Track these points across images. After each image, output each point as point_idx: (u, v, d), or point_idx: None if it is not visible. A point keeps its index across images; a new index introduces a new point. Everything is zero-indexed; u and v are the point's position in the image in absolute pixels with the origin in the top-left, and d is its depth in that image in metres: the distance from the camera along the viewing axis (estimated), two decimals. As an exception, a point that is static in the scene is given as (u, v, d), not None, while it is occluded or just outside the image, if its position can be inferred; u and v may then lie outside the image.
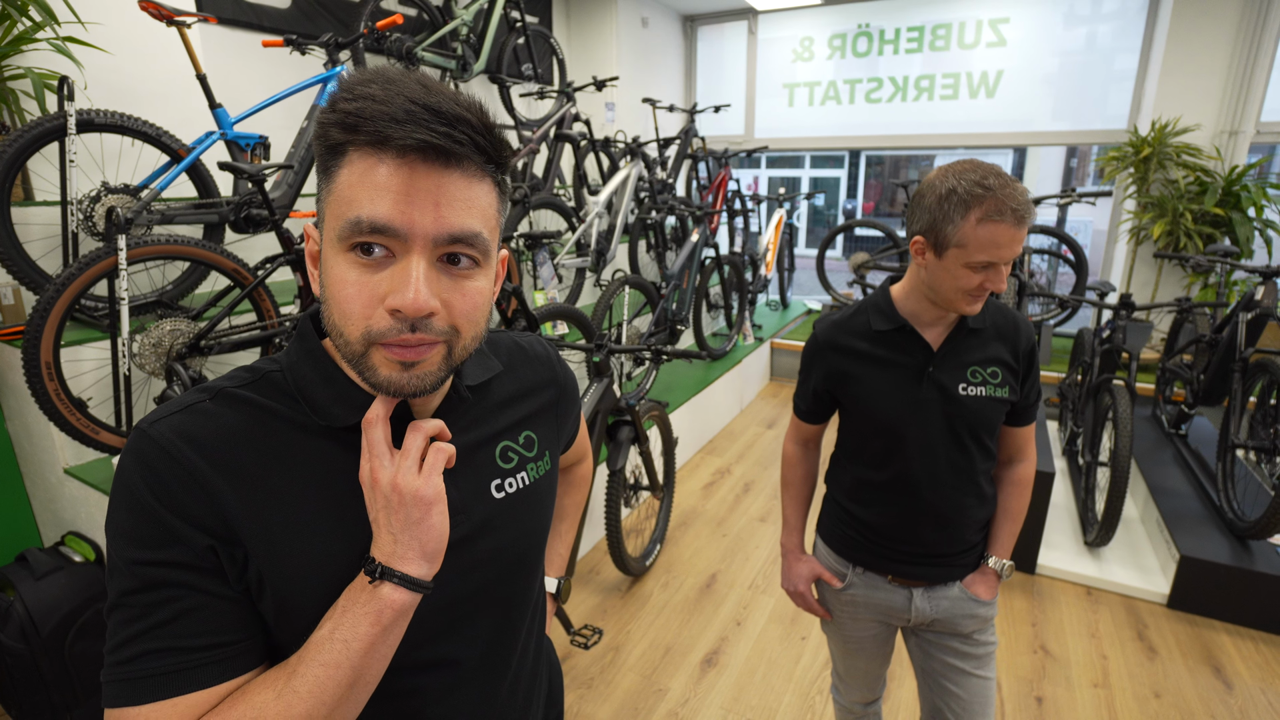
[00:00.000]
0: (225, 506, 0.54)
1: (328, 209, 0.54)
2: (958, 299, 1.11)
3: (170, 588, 0.53)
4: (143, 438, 0.55)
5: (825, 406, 1.32)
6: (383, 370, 0.55)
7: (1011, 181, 1.04)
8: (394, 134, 0.50)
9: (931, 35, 5.36)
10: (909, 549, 1.26)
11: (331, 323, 0.56)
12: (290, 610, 0.57)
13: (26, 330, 1.73)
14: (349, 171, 0.52)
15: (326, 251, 0.55)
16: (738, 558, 2.83)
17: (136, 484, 0.53)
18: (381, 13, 3.63)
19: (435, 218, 0.52)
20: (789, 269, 6.00)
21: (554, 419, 0.80)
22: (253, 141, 2.50)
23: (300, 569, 0.57)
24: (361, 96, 0.51)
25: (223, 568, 0.55)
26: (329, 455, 0.60)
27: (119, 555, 0.53)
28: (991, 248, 1.04)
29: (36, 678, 1.79)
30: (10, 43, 2.09)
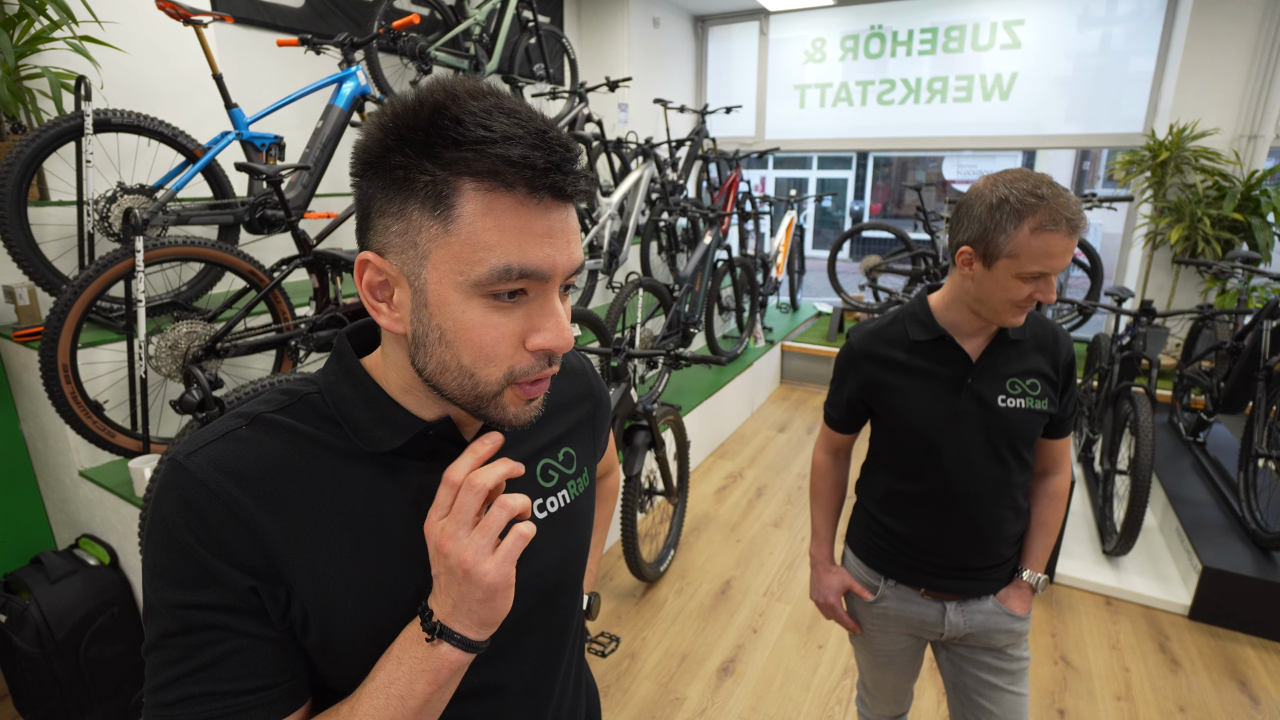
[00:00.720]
0: (268, 542, 0.52)
1: (443, 249, 0.49)
2: (1005, 310, 1.09)
3: (211, 630, 0.51)
4: (179, 471, 0.52)
5: (858, 416, 1.30)
6: (512, 408, 0.55)
7: (1063, 191, 1.02)
8: (547, 185, 0.49)
9: (945, 37, 5.33)
10: (943, 562, 1.24)
11: (455, 366, 0.53)
12: (336, 646, 0.55)
13: (44, 332, 1.72)
14: (480, 212, 0.49)
15: (445, 294, 0.51)
16: (752, 564, 2.81)
17: (174, 522, 0.51)
18: (395, 12, 3.61)
19: (568, 256, 0.52)
20: (799, 271, 5.98)
21: (591, 433, 0.78)
22: (268, 142, 2.49)
23: (346, 604, 0.55)
24: (503, 136, 0.47)
25: (265, 608, 0.53)
26: (373, 482, 0.57)
27: (157, 595, 0.51)
28: (1045, 258, 1.03)
29: (51, 682, 1.78)
30: (28, 42, 2.08)
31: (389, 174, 0.50)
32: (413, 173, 0.49)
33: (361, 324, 0.64)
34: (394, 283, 0.53)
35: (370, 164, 0.51)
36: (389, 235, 0.52)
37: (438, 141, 0.48)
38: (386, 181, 0.50)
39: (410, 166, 0.48)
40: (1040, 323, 1.22)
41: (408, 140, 0.48)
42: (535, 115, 0.50)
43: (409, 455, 0.59)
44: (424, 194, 0.49)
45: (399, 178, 0.49)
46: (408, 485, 0.59)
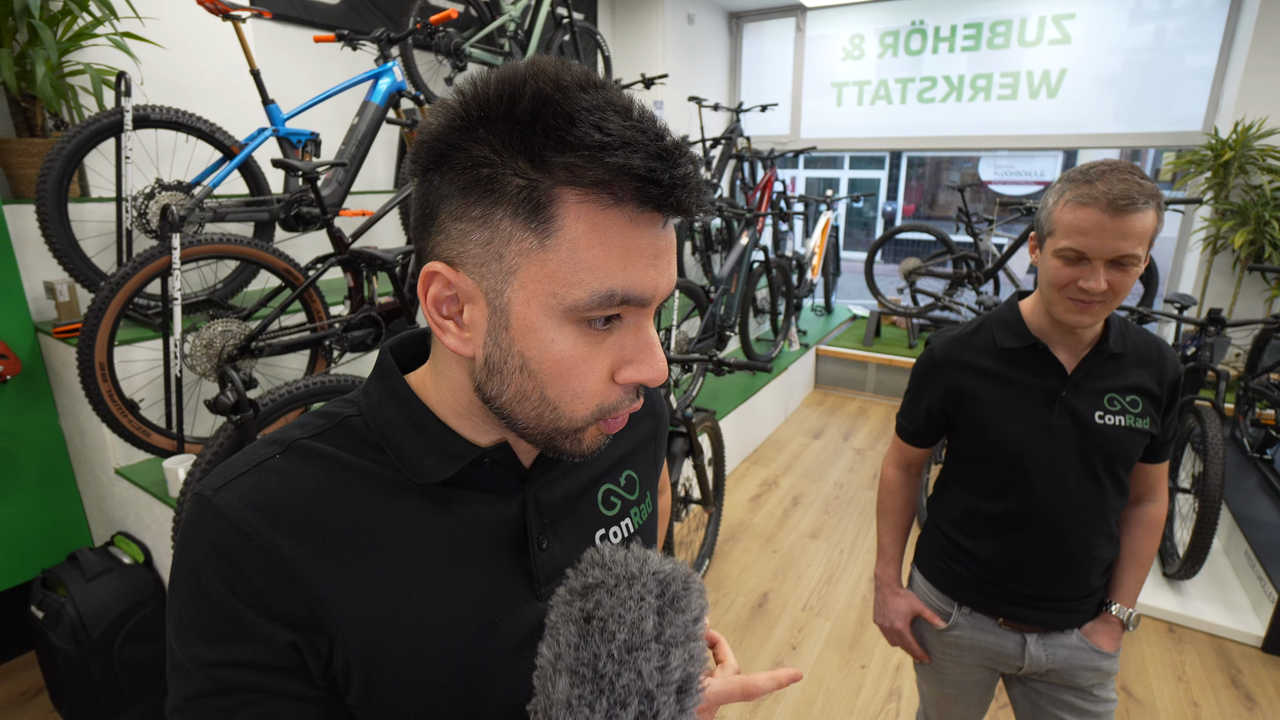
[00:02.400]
0: (307, 588, 0.46)
1: (536, 266, 0.43)
2: (1053, 299, 1.02)
3: (246, 693, 0.45)
4: (208, 510, 0.46)
5: (937, 428, 1.21)
6: (588, 442, 0.49)
7: (1128, 174, 0.94)
8: (668, 203, 0.42)
9: (990, 32, 5.16)
10: (1025, 590, 1.14)
11: (536, 397, 0.46)
12: (381, 699, 0.49)
13: (82, 330, 1.70)
14: (585, 231, 0.42)
15: (533, 317, 0.44)
16: (789, 576, 2.72)
17: (203, 569, 0.45)
18: (430, 8, 3.58)
19: (669, 279, 0.46)
20: (834, 273, 5.85)
21: (653, 454, 0.71)
22: (304, 138, 2.46)
23: (393, 652, 0.48)
24: (621, 142, 0.40)
25: (305, 664, 0.46)
26: (422, 517, 0.50)
27: (185, 651, 0.45)
28: (1076, 234, 0.95)
29: (86, 680, 1.77)
30: (71, 38, 2.07)
31: (470, 171, 0.42)
32: (503, 173, 0.41)
33: (405, 336, 0.57)
34: (465, 299, 0.46)
35: (443, 156, 0.43)
36: (467, 244, 0.44)
37: (541, 140, 0.40)
38: (467, 181, 0.42)
39: (500, 165, 0.41)
40: (1143, 335, 1.12)
41: (500, 133, 0.41)
42: (649, 116, 0.43)
43: (461, 485, 0.52)
44: (517, 200, 0.42)
45: (483, 176, 0.42)
46: (460, 518, 0.52)
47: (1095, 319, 1.00)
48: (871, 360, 4.86)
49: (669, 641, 0.41)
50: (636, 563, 0.44)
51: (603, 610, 0.41)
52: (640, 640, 0.41)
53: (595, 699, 0.39)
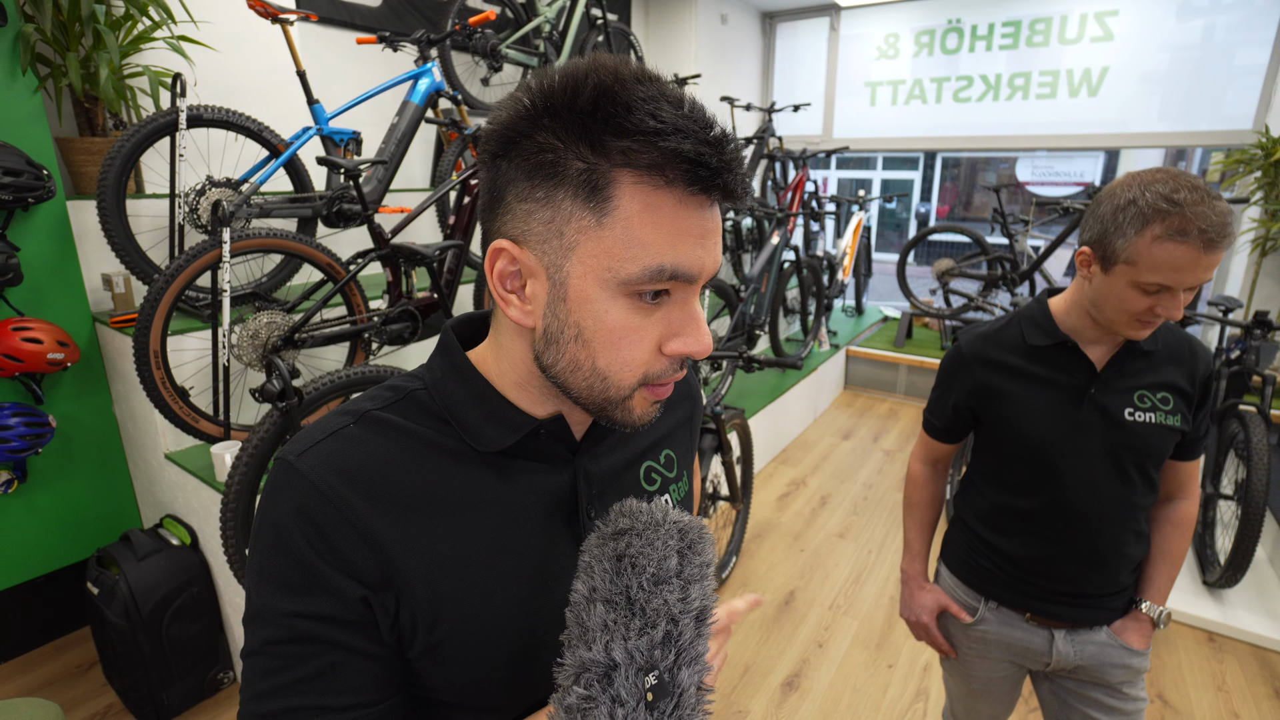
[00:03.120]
0: (379, 545, 0.49)
1: (593, 243, 0.46)
2: (1121, 321, 1.00)
3: (317, 642, 0.48)
4: (290, 472, 0.50)
5: (963, 425, 1.21)
6: (639, 409, 0.52)
7: (1209, 197, 0.90)
8: (715, 184, 0.45)
9: (1029, 30, 5.07)
10: (1053, 586, 1.14)
11: (588, 366, 0.50)
12: (445, 654, 0.52)
13: (138, 319, 1.78)
14: (639, 210, 0.45)
15: (589, 290, 0.48)
16: (817, 575, 2.71)
17: (286, 525, 0.48)
18: (468, 10, 3.65)
19: (715, 258, 0.49)
20: (866, 274, 5.79)
21: (689, 435, 0.74)
22: (346, 137, 2.53)
23: (455, 606, 0.52)
24: (673, 129, 0.44)
25: (374, 619, 0.50)
26: (482, 482, 0.54)
27: (264, 601, 0.49)
28: (1168, 270, 0.92)
29: (136, 654, 1.85)
30: (131, 42, 2.17)
31: (536, 156, 0.46)
32: (566, 157, 0.45)
33: (466, 316, 0.62)
34: (528, 274, 0.50)
35: (512, 143, 0.47)
36: (531, 222, 0.48)
37: (600, 127, 0.44)
38: (532, 165, 0.46)
39: (563, 150, 0.45)
40: (1174, 332, 1.11)
41: (564, 122, 0.45)
42: (699, 106, 0.46)
43: (518, 455, 0.56)
44: (577, 182, 0.45)
45: (547, 161, 0.46)
46: (517, 485, 0.55)
47: (1152, 330, 1.00)
48: (903, 362, 4.81)
49: (688, 578, 0.47)
50: (660, 513, 0.49)
51: (633, 550, 0.47)
52: (665, 575, 0.46)
53: (629, 620, 0.45)
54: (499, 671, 0.54)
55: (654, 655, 0.44)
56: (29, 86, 1.93)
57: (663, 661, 0.44)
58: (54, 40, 2.00)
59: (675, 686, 0.44)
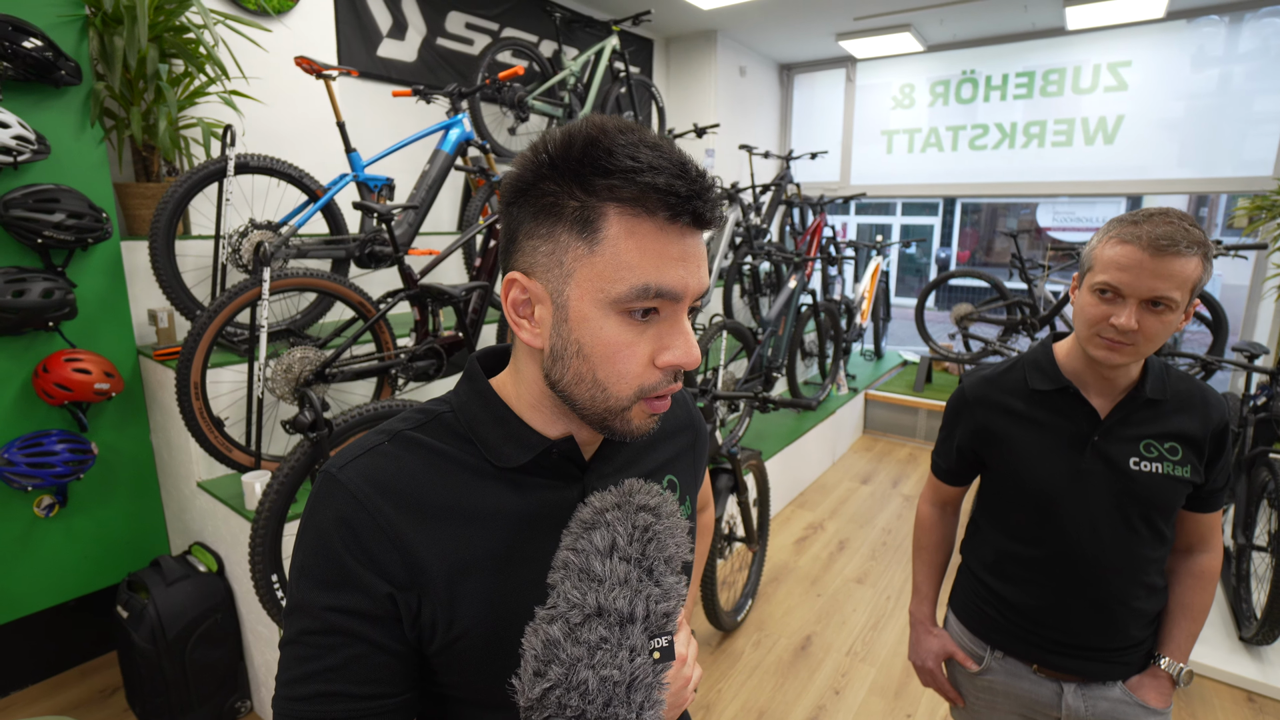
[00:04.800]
0: (408, 549, 0.55)
1: (587, 268, 0.54)
2: (1086, 336, 1.04)
3: (345, 634, 0.54)
4: (333, 483, 0.56)
5: (968, 467, 1.23)
6: (636, 421, 0.58)
7: (1176, 220, 0.96)
8: (687, 210, 0.52)
9: (1043, 80, 5.17)
10: (1059, 637, 1.13)
11: (589, 379, 0.56)
12: (461, 651, 0.57)
13: (181, 353, 1.88)
14: (623, 236, 0.53)
15: (585, 310, 0.54)
16: (834, 620, 2.67)
17: (327, 529, 0.55)
18: (498, 65, 3.85)
19: (698, 279, 0.56)
20: (884, 318, 5.81)
21: (692, 462, 0.79)
22: (380, 183, 2.67)
23: (472, 610, 0.57)
24: (649, 166, 0.51)
25: (399, 616, 0.55)
26: (500, 496, 0.60)
27: (302, 595, 0.55)
28: (1114, 269, 0.97)
29: (160, 679, 1.89)
30: (188, 96, 2.33)
31: (540, 200, 0.54)
32: (563, 199, 0.53)
33: (489, 349, 0.69)
34: (536, 300, 0.57)
35: (522, 192, 0.55)
36: (536, 256, 0.55)
37: (589, 170, 0.52)
38: (537, 208, 0.54)
39: (561, 193, 0.53)
40: (1186, 381, 1.11)
41: (560, 170, 0.53)
42: (675, 149, 0.54)
43: (533, 472, 0.62)
44: (572, 218, 0.53)
45: (549, 204, 0.53)
46: (531, 500, 0.61)
47: (1125, 360, 1.01)
48: (922, 406, 4.78)
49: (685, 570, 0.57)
50: (675, 504, 0.58)
51: (658, 528, 0.54)
52: (677, 560, 0.55)
53: (649, 586, 0.52)
54: (509, 671, 0.58)
55: (665, 623, 0.50)
56: (95, 137, 2.08)
57: (668, 627, 0.50)
58: (120, 96, 2.17)
59: (672, 654, 0.50)
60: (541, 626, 0.49)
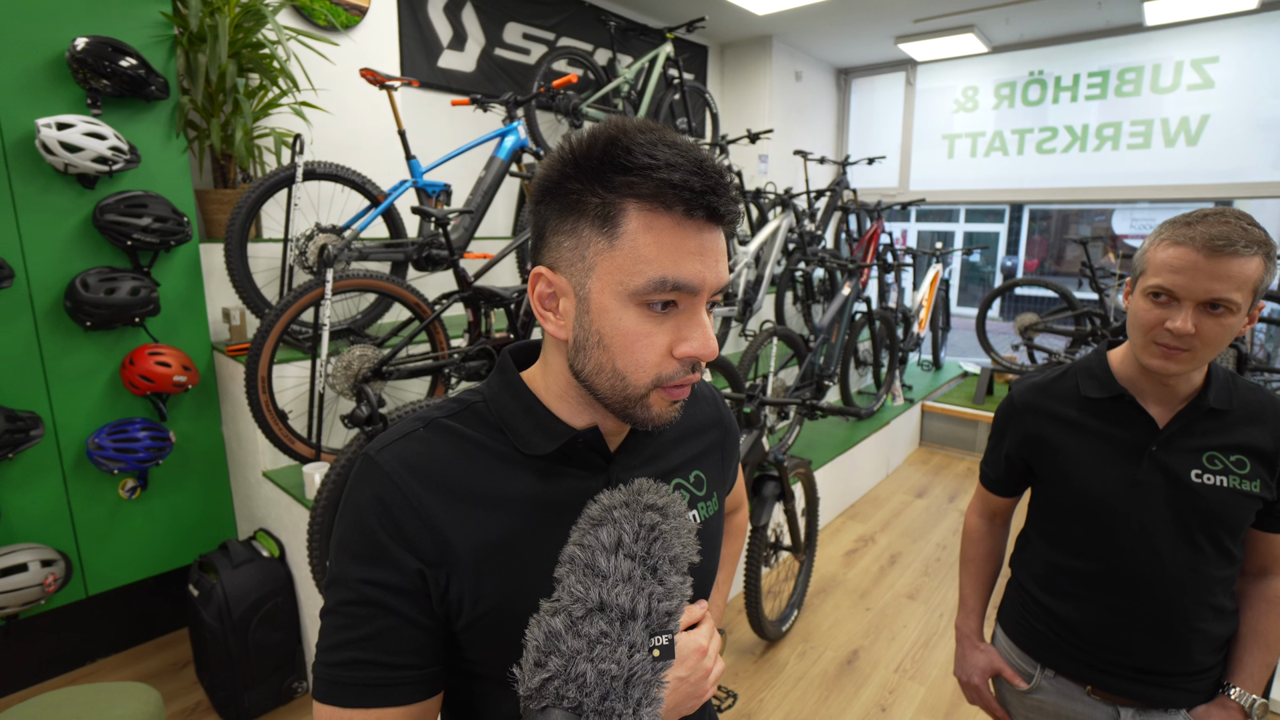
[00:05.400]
0: (438, 529, 0.58)
1: (607, 262, 0.56)
2: (1140, 343, 0.99)
3: (376, 606, 0.57)
4: (372, 465, 0.60)
5: (1018, 477, 1.18)
6: (656, 408, 0.59)
7: (1233, 219, 0.91)
8: (702, 205, 0.54)
9: (1118, 80, 4.94)
10: (1115, 658, 1.07)
11: (609, 368, 0.58)
12: (485, 628, 0.60)
13: (250, 349, 1.99)
14: (641, 231, 0.55)
15: (605, 301, 0.57)
16: (883, 635, 2.60)
17: (365, 507, 0.58)
18: (553, 73, 3.93)
19: (716, 273, 0.57)
20: (944, 328, 5.64)
21: (720, 459, 0.80)
22: (438, 189, 2.76)
23: (497, 588, 0.59)
24: (665, 163, 0.53)
25: (428, 591, 0.58)
26: (527, 483, 0.63)
27: (341, 568, 0.58)
28: (1167, 272, 0.93)
29: (225, 655, 1.99)
30: (262, 108, 2.48)
31: (565, 198, 0.56)
32: (585, 196, 0.55)
33: (520, 344, 0.71)
34: (561, 293, 0.59)
35: (549, 191, 0.57)
36: (560, 251, 0.58)
37: (609, 168, 0.54)
38: (562, 205, 0.57)
39: (584, 191, 0.55)
40: (1255, 391, 1.04)
41: (583, 169, 0.55)
42: (693, 147, 0.56)
43: (560, 461, 0.64)
44: (594, 214, 0.55)
45: (573, 201, 0.56)
46: (557, 487, 0.63)
47: (1182, 368, 0.95)
48: (982, 419, 4.61)
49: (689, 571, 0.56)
50: (683, 504, 0.59)
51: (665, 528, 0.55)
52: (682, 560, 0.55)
53: (653, 585, 0.52)
54: None
55: (666, 621, 0.50)
56: (179, 147, 2.23)
57: (670, 626, 0.51)
58: (202, 108, 2.32)
59: (673, 653, 0.51)
60: (544, 618, 0.50)
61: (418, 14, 3.35)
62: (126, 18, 2.08)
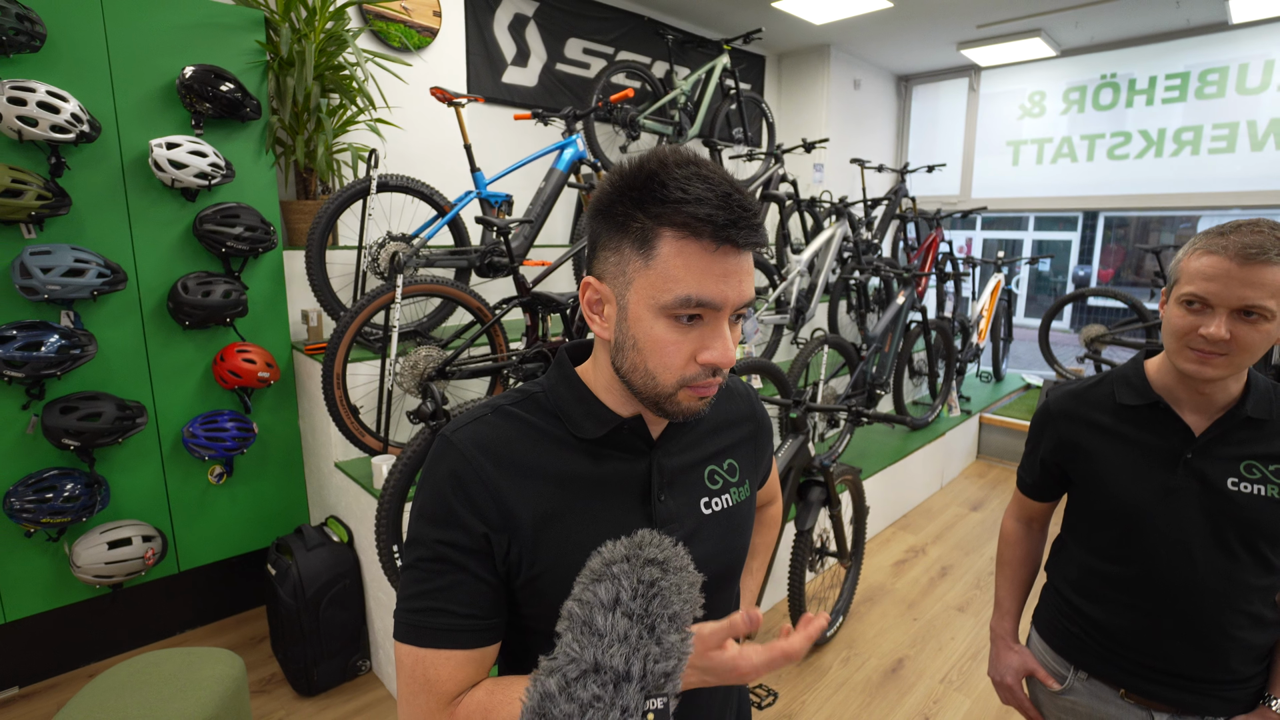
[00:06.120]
0: (502, 499, 0.68)
1: (643, 279, 0.64)
2: (1174, 349, 1.00)
3: (450, 562, 0.67)
4: (448, 444, 0.70)
5: (1054, 482, 1.20)
6: (685, 403, 0.68)
7: (1267, 229, 0.92)
8: (725, 237, 0.62)
9: (1199, 81, 4.72)
10: (1149, 661, 1.08)
11: (642, 368, 0.67)
12: (539, 587, 0.69)
13: (327, 348, 2.16)
14: (673, 254, 0.63)
15: (640, 312, 0.65)
16: (929, 646, 2.58)
17: (441, 477, 0.69)
18: (613, 87, 4.05)
19: (739, 292, 0.64)
20: (1005, 339, 5.48)
21: (753, 450, 0.87)
22: (500, 199, 2.90)
23: (551, 552, 0.68)
24: (695, 198, 0.61)
25: (492, 553, 0.68)
26: (578, 461, 0.72)
27: (418, 530, 0.69)
28: (1200, 280, 0.94)
29: (298, 631, 2.16)
30: (341, 125, 2.67)
31: (613, 219, 0.65)
32: (629, 219, 0.64)
33: (576, 342, 0.81)
34: (606, 300, 0.68)
35: (601, 210, 0.67)
36: (606, 264, 0.67)
37: (648, 199, 0.62)
38: (611, 224, 0.66)
39: (628, 215, 0.64)
40: None
41: (628, 196, 0.64)
42: (725, 181, 0.63)
43: (608, 445, 0.73)
44: (635, 236, 0.64)
45: (619, 222, 0.65)
46: (605, 468, 0.72)
47: (1218, 373, 0.96)
48: (1045, 432, 4.46)
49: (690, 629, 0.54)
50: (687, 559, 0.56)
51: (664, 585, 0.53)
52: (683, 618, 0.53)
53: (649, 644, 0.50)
54: None
55: (663, 684, 0.49)
56: (268, 162, 2.44)
57: (667, 688, 0.49)
58: (289, 127, 2.53)
59: (668, 715, 0.49)
60: (540, 678, 0.49)
61: (484, 33, 3.53)
62: (227, 46, 2.30)
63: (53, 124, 1.94)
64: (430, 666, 0.66)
